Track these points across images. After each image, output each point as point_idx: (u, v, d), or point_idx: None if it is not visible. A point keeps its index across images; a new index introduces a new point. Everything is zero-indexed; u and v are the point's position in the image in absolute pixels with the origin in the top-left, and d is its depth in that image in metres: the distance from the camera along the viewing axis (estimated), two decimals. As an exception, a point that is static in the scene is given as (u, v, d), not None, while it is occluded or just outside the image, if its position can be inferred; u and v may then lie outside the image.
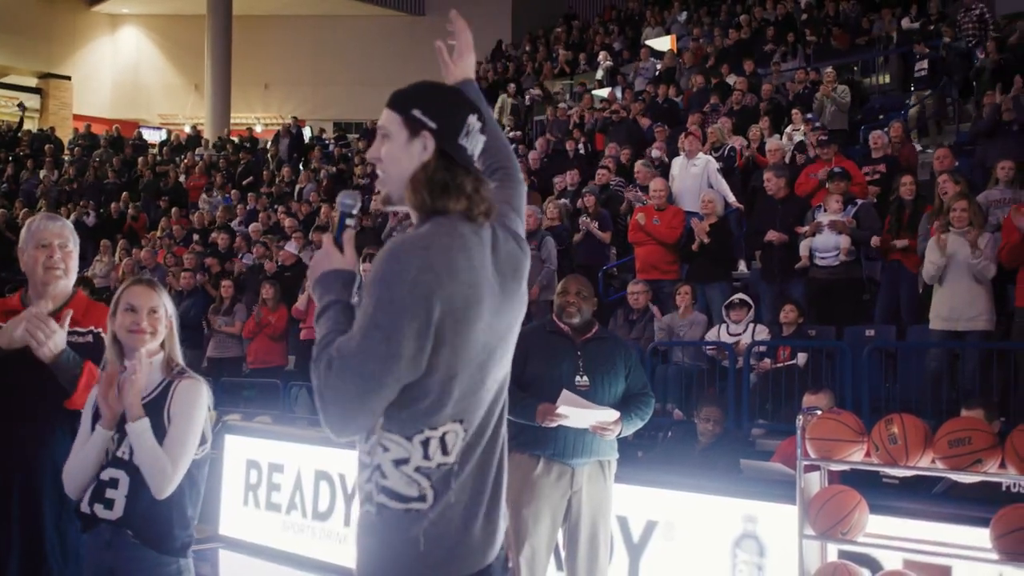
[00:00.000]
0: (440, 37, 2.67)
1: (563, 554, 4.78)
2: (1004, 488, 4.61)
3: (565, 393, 4.58)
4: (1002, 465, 3.96)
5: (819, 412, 4.50)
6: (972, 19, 13.83)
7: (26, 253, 3.49)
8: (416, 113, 2.23)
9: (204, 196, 18.62)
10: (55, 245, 3.49)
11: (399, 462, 2.16)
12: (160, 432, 3.05)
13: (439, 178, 2.21)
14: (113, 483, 3.03)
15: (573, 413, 4.57)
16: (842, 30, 17.24)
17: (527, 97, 19.57)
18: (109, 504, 3.02)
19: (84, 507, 3.06)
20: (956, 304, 7.39)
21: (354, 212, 2.29)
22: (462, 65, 2.65)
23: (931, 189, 8.79)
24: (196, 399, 3.13)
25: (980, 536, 3.96)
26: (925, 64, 13.90)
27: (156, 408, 3.09)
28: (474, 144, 2.27)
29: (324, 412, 2.09)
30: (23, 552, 3.21)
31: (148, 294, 3.18)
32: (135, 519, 3.01)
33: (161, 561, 3.02)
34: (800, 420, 4.39)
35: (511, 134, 18.44)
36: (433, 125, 2.22)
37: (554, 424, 4.58)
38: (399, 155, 2.24)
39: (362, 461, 2.22)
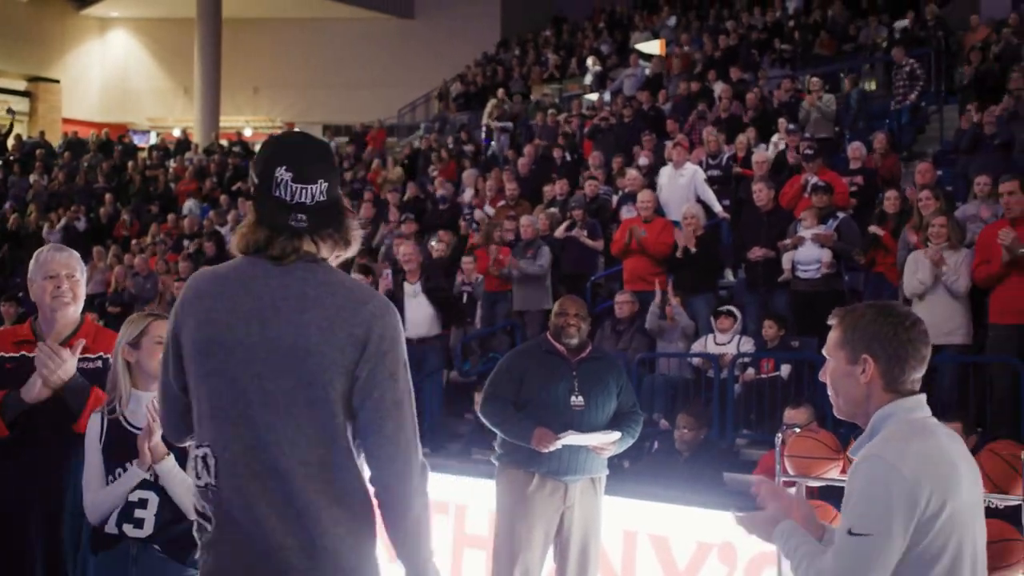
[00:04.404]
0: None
1: (554, 567, 4.96)
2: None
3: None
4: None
5: (797, 430, 4.71)
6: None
7: (35, 284, 3.59)
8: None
9: (188, 203, 18.60)
10: (62, 276, 3.58)
11: None
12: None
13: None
14: (143, 503, 3.17)
15: (573, 438, 4.73)
16: (830, 36, 17.37)
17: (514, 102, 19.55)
18: (139, 523, 3.16)
19: (111, 528, 3.18)
20: (934, 319, 7.50)
21: None
22: None
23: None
24: None
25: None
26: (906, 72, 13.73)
27: None
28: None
29: None
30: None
31: None
32: (163, 535, 3.16)
33: (185, 573, 3.16)
34: (779, 438, 4.59)
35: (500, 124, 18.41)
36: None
37: (550, 450, 4.72)
38: None
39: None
